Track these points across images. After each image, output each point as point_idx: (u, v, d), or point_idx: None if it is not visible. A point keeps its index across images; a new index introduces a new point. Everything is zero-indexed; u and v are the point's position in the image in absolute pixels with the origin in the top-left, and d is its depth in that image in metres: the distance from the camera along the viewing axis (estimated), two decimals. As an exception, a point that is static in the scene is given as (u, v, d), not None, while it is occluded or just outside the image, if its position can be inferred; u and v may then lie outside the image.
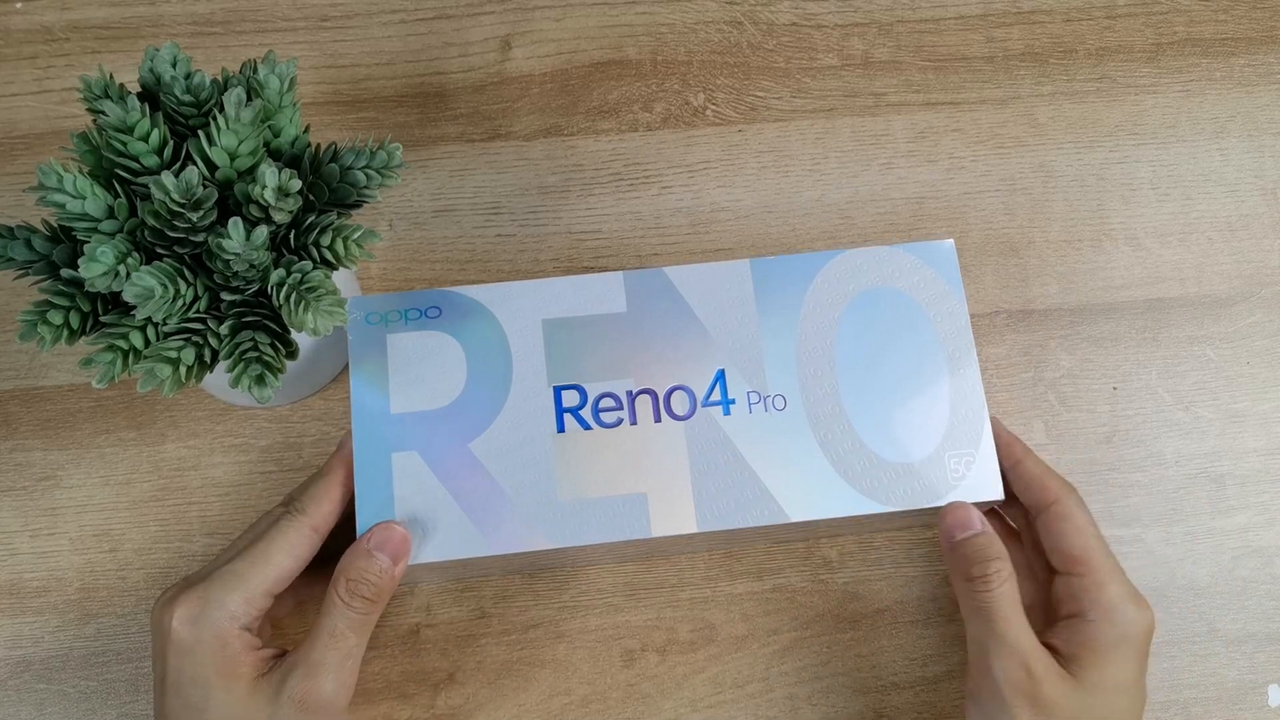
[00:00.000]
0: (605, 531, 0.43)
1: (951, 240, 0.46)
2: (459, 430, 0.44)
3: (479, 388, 0.44)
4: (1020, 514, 0.46)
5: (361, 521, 0.43)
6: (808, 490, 0.44)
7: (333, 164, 0.40)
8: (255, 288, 0.40)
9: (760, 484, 0.44)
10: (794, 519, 0.44)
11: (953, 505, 0.44)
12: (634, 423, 0.44)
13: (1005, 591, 0.42)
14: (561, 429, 0.44)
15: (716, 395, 0.45)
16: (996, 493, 0.44)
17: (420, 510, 0.43)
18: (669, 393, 0.45)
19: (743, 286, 0.46)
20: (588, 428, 0.44)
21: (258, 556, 0.41)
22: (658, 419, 0.44)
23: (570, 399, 0.44)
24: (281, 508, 0.43)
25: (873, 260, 0.46)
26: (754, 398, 0.45)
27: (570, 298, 0.45)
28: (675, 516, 0.44)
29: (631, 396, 0.44)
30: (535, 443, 0.44)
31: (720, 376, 0.45)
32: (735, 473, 0.44)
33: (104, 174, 0.38)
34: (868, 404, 0.45)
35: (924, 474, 0.44)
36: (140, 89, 0.39)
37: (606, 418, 0.44)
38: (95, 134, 0.38)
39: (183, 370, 0.38)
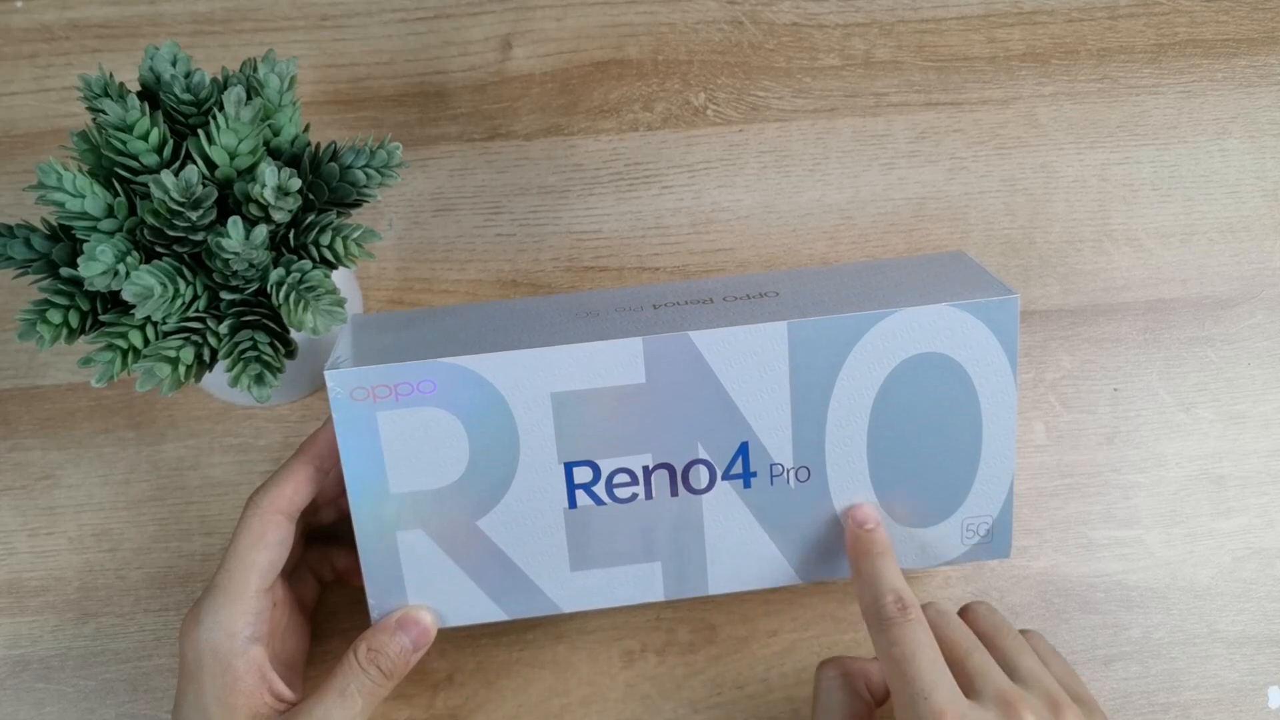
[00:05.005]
0: (619, 596, 0.44)
1: (1016, 295, 0.42)
2: (465, 508, 0.42)
3: (483, 465, 0.42)
4: None
5: (372, 599, 0.43)
6: (821, 554, 0.44)
7: (332, 163, 0.40)
8: (255, 287, 0.40)
9: (774, 551, 0.44)
10: (804, 581, 0.44)
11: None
12: (649, 497, 0.43)
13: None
14: (573, 505, 0.42)
15: (738, 469, 0.43)
16: (1004, 553, 0.45)
17: (431, 583, 0.43)
18: (687, 467, 0.42)
19: (776, 351, 0.41)
20: (601, 504, 0.43)
21: (231, 561, 0.41)
22: (674, 493, 0.43)
23: (583, 475, 0.42)
24: None
25: (924, 320, 0.41)
26: (777, 470, 0.43)
27: (582, 368, 0.41)
28: (688, 582, 0.44)
29: (648, 472, 0.42)
30: (546, 518, 0.42)
31: (743, 449, 0.42)
32: (751, 541, 0.44)
33: (103, 173, 0.38)
34: (896, 474, 0.43)
35: (939, 538, 0.44)
36: (140, 88, 0.39)
37: (620, 493, 0.42)
38: (95, 133, 0.38)
39: (182, 369, 0.38)
